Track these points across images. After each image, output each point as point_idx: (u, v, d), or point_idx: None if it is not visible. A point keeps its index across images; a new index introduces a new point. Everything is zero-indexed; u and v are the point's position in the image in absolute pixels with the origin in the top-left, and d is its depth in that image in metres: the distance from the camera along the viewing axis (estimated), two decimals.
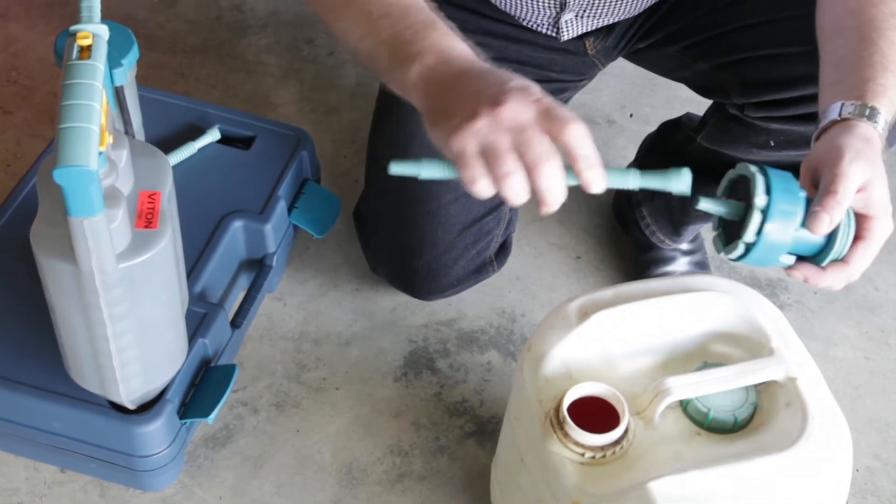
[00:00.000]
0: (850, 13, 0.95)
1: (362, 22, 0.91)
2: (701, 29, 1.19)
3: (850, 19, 0.94)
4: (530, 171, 0.76)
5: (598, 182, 0.77)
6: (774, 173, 0.86)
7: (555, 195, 0.77)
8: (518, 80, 0.81)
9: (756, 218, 0.84)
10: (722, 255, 0.89)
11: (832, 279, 0.87)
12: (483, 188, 0.78)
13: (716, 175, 0.93)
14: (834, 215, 0.83)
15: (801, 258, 0.88)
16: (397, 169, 0.82)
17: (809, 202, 0.85)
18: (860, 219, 0.87)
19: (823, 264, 0.87)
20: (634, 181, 0.81)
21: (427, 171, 0.82)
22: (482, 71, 0.84)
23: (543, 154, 0.76)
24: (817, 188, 0.86)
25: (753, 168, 0.87)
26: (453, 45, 0.87)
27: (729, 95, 1.19)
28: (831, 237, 0.86)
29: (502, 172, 0.76)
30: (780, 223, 0.84)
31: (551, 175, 0.76)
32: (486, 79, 0.82)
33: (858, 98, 0.88)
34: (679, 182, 0.82)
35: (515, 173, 0.76)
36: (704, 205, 0.88)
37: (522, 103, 0.78)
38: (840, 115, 0.88)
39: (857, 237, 0.87)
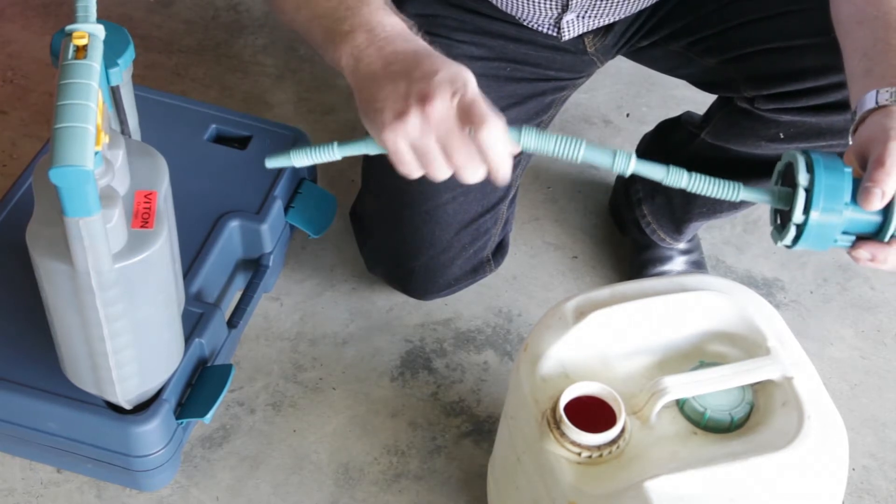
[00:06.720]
0: (871, 3, 0.94)
1: None
2: (708, 24, 1.19)
3: (874, 9, 0.94)
4: (456, 171, 0.84)
5: (501, 181, 0.85)
6: (817, 153, 0.84)
7: (474, 180, 0.86)
8: (445, 72, 0.82)
9: (801, 196, 0.83)
10: (780, 245, 0.87)
11: None
12: (415, 176, 0.86)
13: (719, 173, 0.92)
14: (886, 188, 0.81)
15: (861, 238, 0.86)
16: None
17: (858, 182, 0.83)
18: None
19: (886, 239, 0.84)
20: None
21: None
22: (411, 57, 0.84)
23: (467, 159, 0.83)
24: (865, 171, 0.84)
25: (795, 152, 0.85)
26: (384, 21, 0.86)
27: (737, 89, 1.19)
28: (888, 210, 0.83)
29: (433, 171, 0.84)
30: (826, 199, 0.82)
31: (472, 174, 0.85)
32: (415, 70, 0.83)
33: (893, 84, 0.86)
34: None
35: (445, 170, 0.85)
36: (745, 194, 0.86)
37: (448, 101, 0.81)
38: (877, 102, 0.86)
39: None
